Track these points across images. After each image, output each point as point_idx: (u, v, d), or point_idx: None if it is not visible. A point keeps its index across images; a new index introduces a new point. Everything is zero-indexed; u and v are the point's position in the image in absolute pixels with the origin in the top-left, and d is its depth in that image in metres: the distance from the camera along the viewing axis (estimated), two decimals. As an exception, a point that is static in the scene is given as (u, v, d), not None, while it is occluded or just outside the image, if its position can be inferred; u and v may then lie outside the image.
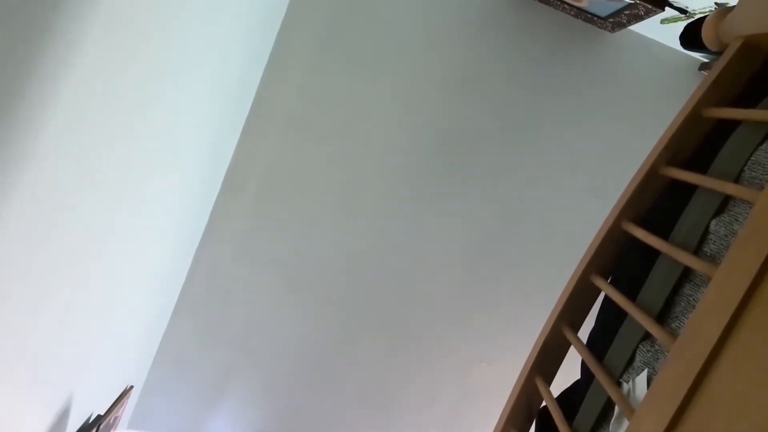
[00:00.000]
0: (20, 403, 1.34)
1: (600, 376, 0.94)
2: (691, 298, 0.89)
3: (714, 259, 0.86)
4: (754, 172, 0.89)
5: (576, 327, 1.16)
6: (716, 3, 2.16)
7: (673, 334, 0.81)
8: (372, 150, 2.75)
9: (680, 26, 1.85)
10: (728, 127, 0.99)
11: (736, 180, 0.91)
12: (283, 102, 2.69)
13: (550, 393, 1.10)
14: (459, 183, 2.78)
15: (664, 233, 0.97)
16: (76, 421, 1.85)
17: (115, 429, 2.26)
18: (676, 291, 0.92)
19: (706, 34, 1.17)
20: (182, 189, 2.11)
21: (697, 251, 0.90)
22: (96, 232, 1.40)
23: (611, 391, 0.90)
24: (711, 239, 0.89)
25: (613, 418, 0.94)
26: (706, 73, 2.24)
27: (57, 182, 1.09)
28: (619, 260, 1.10)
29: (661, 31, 2.51)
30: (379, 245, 2.81)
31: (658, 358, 0.90)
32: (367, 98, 2.72)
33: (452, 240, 2.81)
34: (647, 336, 0.95)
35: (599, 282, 1.08)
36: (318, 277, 2.81)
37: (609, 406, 0.97)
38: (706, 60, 2.66)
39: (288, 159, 2.72)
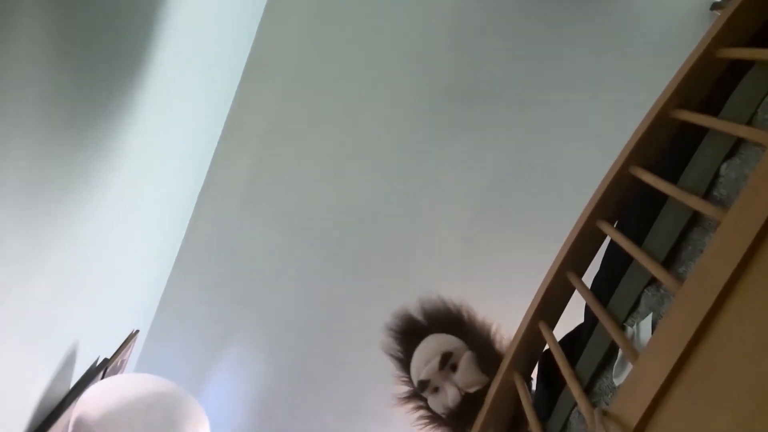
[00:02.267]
0: (26, 351, 1.35)
1: (604, 320, 0.94)
2: (698, 243, 0.88)
3: (723, 204, 0.85)
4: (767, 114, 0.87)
5: (580, 272, 1.16)
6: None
7: (680, 279, 0.81)
8: (378, 96, 2.70)
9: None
10: (740, 71, 0.96)
11: (749, 122, 0.89)
12: (284, 48, 2.62)
13: (553, 337, 1.11)
14: (466, 130, 2.74)
15: (672, 178, 0.96)
16: (83, 365, 1.88)
17: (122, 372, 2.30)
18: (683, 236, 0.91)
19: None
20: (182, 136, 2.09)
21: (706, 195, 0.89)
22: (97, 182, 1.39)
23: (615, 335, 0.90)
24: (721, 183, 0.88)
25: (616, 362, 0.94)
26: (718, 13, 2.17)
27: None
28: (626, 205, 1.09)
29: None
30: (383, 195, 2.78)
31: (663, 303, 0.90)
32: (373, 42, 2.66)
33: (458, 188, 2.79)
34: (653, 281, 0.94)
35: (605, 226, 1.07)
36: (321, 227, 2.80)
37: (612, 350, 0.97)
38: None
39: (290, 107, 2.68)
